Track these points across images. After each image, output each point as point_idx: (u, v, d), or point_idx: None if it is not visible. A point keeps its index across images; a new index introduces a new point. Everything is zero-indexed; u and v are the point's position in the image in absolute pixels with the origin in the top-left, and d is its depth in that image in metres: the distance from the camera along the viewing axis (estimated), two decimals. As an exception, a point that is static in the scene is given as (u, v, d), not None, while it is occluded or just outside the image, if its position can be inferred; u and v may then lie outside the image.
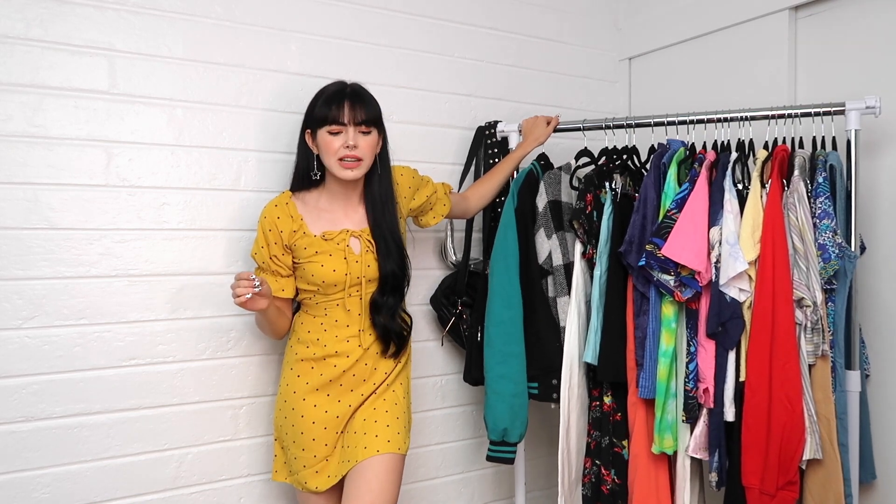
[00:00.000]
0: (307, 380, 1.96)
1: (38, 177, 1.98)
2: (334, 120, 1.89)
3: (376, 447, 1.92)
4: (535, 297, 2.24)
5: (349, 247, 1.97)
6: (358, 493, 1.88)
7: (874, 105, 1.93)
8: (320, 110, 1.92)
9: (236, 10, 2.23)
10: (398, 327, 2.01)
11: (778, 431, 1.86)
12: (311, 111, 1.97)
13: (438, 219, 2.26)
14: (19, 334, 1.96)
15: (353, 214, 2.02)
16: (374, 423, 1.96)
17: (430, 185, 2.22)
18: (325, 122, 1.91)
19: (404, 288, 2.04)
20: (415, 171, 2.19)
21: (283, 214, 1.96)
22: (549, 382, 2.23)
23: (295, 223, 1.96)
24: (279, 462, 2.05)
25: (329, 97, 1.93)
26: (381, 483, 1.89)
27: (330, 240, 1.96)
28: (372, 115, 1.93)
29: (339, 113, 1.89)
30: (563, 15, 2.91)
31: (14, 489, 1.96)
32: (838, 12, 2.34)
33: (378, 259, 1.97)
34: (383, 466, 1.91)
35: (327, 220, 1.99)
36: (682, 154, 2.10)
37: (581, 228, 2.20)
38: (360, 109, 1.91)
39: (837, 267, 1.86)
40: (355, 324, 1.98)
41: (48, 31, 1.98)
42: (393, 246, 1.99)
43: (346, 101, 1.91)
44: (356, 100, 1.92)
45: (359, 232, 1.99)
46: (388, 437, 1.95)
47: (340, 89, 1.95)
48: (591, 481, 2.19)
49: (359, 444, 1.93)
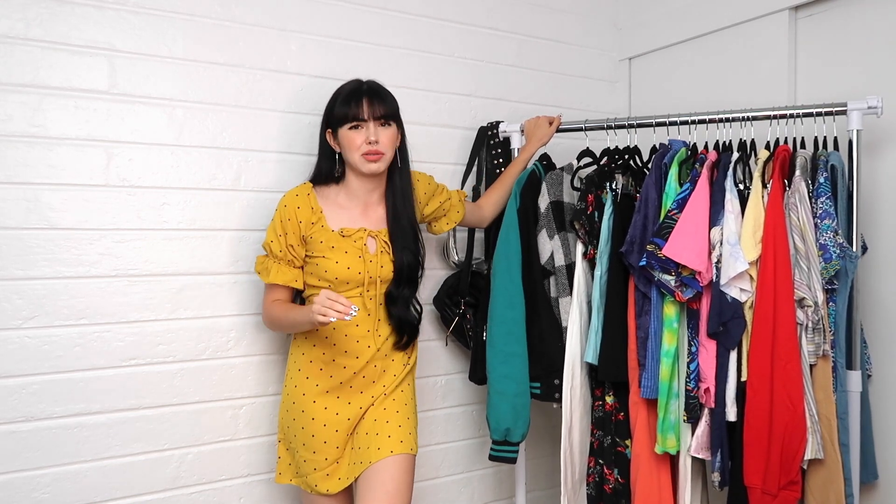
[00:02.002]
0: (317, 381, 1.95)
1: (38, 177, 1.97)
2: (354, 116, 1.93)
3: (390, 448, 1.93)
4: (537, 298, 2.24)
5: (366, 245, 1.97)
6: (374, 495, 1.88)
7: (876, 105, 1.93)
8: (340, 109, 1.95)
9: (236, 10, 2.23)
10: (413, 318, 2.04)
11: (779, 431, 1.86)
12: (330, 111, 1.99)
13: (451, 225, 2.27)
14: (19, 334, 1.96)
15: (371, 214, 2.03)
16: (385, 423, 1.96)
17: (444, 192, 2.24)
18: (345, 119, 1.94)
19: (418, 280, 2.06)
20: (431, 178, 2.21)
21: (303, 204, 1.96)
22: (551, 382, 2.23)
23: (314, 215, 1.96)
24: (283, 464, 2.03)
25: (347, 95, 1.96)
26: (397, 484, 1.90)
27: (347, 237, 1.96)
28: (390, 108, 1.98)
29: (358, 109, 1.93)
30: (563, 15, 2.91)
31: (14, 489, 1.95)
32: (838, 12, 2.34)
33: (394, 251, 1.99)
34: (398, 467, 1.92)
35: (346, 217, 1.99)
36: (683, 154, 2.10)
37: (582, 229, 2.19)
38: (379, 104, 1.95)
39: (839, 267, 1.86)
40: (365, 323, 1.97)
41: (48, 31, 1.98)
42: (411, 237, 2.01)
43: (364, 98, 1.95)
44: (374, 95, 1.96)
45: (376, 232, 2.00)
46: (401, 437, 1.96)
47: (357, 87, 1.99)
48: (594, 481, 2.19)
49: (371, 445, 1.93)
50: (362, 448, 1.94)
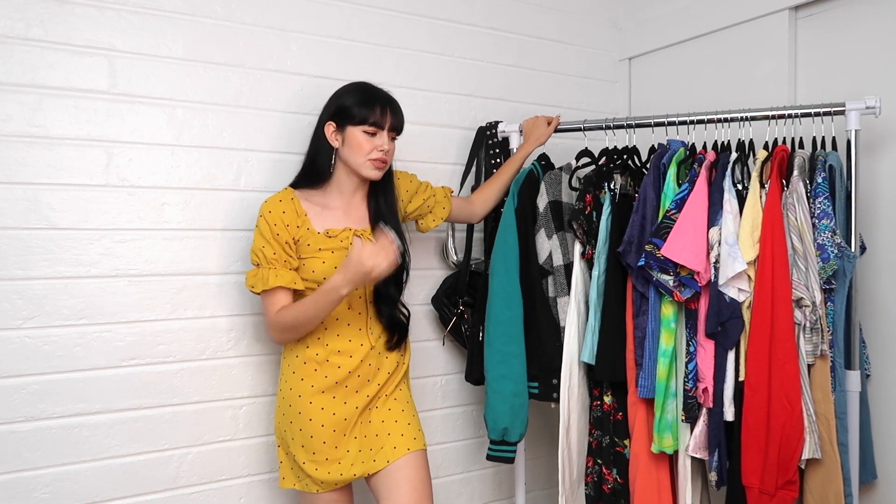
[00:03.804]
0: (312, 382, 1.95)
1: (38, 177, 1.98)
2: (375, 122, 1.94)
3: (406, 445, 1.96)
4: (535, 298, 2.25)
5: (352, 244, 1.97)
6: (399, 492, 1.91)
7: (874, 105, 1.93)
8: (360, 110, 1.93)
9: (236, 10, 2.23)
10: (399, 318, 2.06)
11: (777, 431, 1.86)
12: (343, 107, 1.96)
13: (438, 222, 2.27)
14: (19, 334, 1.96)
15: (354, 213, 2.03)
16: (394, 423, 1.99)
17: (428, 189, 2.24)
18: (363, 122, 1.93)
19: (403, 280, 2.07)
20: (413, 176, 2.22)
21: (288, 209, 1.95)
22: (549, 382, 2.23)
23: (299, 218, 1.95)
24: (285, 469, 2.01)
25: (368, 98, 1.95)
26: (422, 479, 1.96)
27: (333, 237, 1.96)
28: (403, 123, 2.02)
29: (382, 118, 1.94)
30: (563, 15, 2.91)
31: (14, 489, 1.96)
32: (838, 12, 2.34)
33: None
34: (418, 462, 1.97)
35: (330, 218, 1.99)
36: (681, 154, 2.10)
37: (580, 229, 2.20)
38: (398, 118, 1.99)
39: (836, 267, 1.86)
40: (356, 322, 1.98)
41: (48, 31, 1.99)
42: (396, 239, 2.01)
43: (388, 107, 1.96)
44: (394, 108, 1.98)
45: (360, 231, 2.00)
46: (413, 434, 2.00)
47: (375, 92, 1.98)
48: (593, 480, 2.19)
49: (386, 445, 1.95)
50: (374, 449, 1.95)
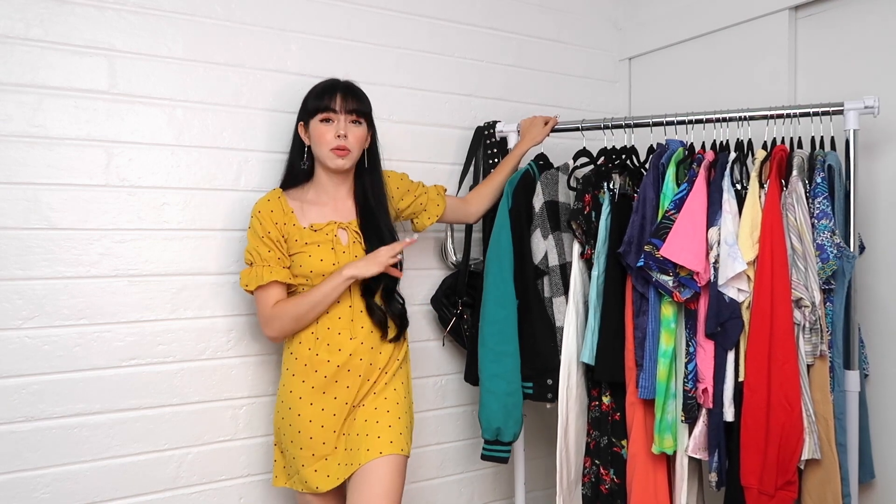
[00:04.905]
0: (303, 378, 1.96)
1: (38, 177, 1.98)
2: (326, 108, 1.97)
3: (379, 449, 1.92)
4: (529, 298, 2.24)
5: (337, 237, 1.99)
6: (361, 498, 1.88)
7: (873, 105, 1.93)
8: (313, 101, 2.00)
9: (236, 10, 2.24)
10: (396, 308, 2.04)
11: (776, 431, 1.86)
12: (304, 104, 2.04)
13: (433, 219, 2.27)
14: (19, 334, 1.96)
15: (341, 208, 2.05)
16: (375, 423, 1.96)
17: (420, 187, 2.25)
18: (317, 111, 1.98)
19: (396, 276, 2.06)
20: (404, 175, 2.23)
21: (276, 208, 1.99)
22: (543, 382, 2.23)
23: (286, 216, 1.99)
24: (279, 467, 2.04)
25: (322, 89, 2.02)
26: (384, 487, 1.89)
27: (318, 230, 1.98)
28: (363, 106, 2.02)
29: (331, 102, 1.98)
30: (563, 15, 2.91)
31: (14, 489, 1.96)
32: (838, 12, 2.35)
33: (366, 240, 2.01)
34: (387, 468, 1.91)
35: (315, 213, 2.02)
36: (680, 154, 2.10)
37: (579, 229, 2.20)
38: (352, 100, 2.00)
39: (836, 267, 1.86)
40: (346, 315, 1.98)
41: (48, 31, 1.99)
42: (385, 231, 2.03)
43: (338, 92, 2.00)
44: (348, 91, 2.01)
45: (346, 224, 2.02)
46: (391, 437, 1.94)
47: (334, 83, 2.04)
48: (590, 481, 2.19)
49: (361, 447, 1.93)
50: (353, 449, 1.94)
